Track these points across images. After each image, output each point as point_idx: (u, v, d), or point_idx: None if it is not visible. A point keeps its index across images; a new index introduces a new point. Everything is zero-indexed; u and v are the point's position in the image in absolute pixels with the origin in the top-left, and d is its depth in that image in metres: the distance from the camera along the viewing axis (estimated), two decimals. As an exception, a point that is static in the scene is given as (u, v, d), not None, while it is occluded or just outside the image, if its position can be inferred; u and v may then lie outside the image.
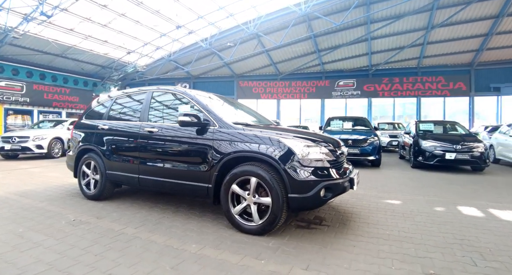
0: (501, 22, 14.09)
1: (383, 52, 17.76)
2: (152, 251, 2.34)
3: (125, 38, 15.64)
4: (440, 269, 2.12)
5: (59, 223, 2.98)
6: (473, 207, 3.89)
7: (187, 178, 3.09)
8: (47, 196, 4.15)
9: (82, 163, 4.06)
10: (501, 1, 13.09)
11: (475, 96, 17.94)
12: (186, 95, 3.42)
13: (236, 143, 2.82)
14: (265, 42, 16.86)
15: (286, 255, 2.30)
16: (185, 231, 2.82)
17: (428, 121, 9.75)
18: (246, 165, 2.74)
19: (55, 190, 4.61)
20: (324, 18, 13.36)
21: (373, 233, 2.84)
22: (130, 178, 3.56)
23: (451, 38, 15.88)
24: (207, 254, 2.29)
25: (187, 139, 3.13)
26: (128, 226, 2.92)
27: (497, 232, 2.94)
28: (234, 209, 2.78)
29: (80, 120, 4.46)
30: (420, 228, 3.01)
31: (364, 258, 2.28)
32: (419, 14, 14.06)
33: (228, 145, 2.85)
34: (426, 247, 2.52)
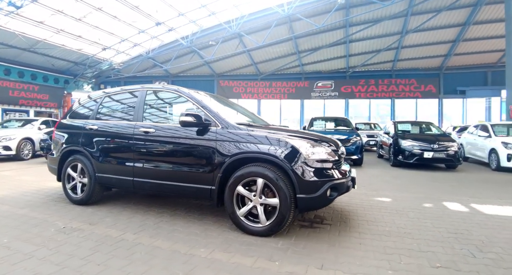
0: (467, 30, 15.12)
1: (360, 55, 18.40)
2: (159, 257, 2.24)
3: (101, 33, 14.94)
4: (445, 262, 2.22)
5: (48, 231, 2.76)
6: (456, 202, 4.13)
7: (189, 180, 3.00)
8: (27, 202, 3.85)
9: (67, 166, 3.81)
10: (468, 11, 14.05)
11: (443, 99, 19.11)
12: (185, 94, 3.31)
13: (242, 144, 2.78)
14: (247, 42, 16.84)
15: (298, 255, 2.30)
16: (189, 234, 2.74)
17: (406, 122, 10.23)
18: (252, 166, 2.71)
19: (34, 194, 4.29)
20: (305, 20, 13.58)
21: (374, 230, 2.92)
22: (124, 180, 3.38)
23: (423, 43, 16.79)
24: (218, 258, 2.24)
25: (188, 140, 3.02)
26: (127, 232, 2.78)
27: (484, 225, 3.14)
28: (239, 211, 2.74)
29: (63, 120, 4.18)
30: (415, 224, 3.14)
31: (373, 255, 2.34)
32: (395, 19, 14.72)
33: (233, 146, 2.80)
34: (426, 242, 2.63)
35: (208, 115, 3.02)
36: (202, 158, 2.94)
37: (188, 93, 3.30)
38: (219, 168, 2.82)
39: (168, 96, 3.56)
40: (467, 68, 18.45)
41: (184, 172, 3.03)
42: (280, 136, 2.74)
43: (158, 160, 3.22)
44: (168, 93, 3.54)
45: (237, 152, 2.76)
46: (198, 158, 2.98)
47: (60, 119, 4.32)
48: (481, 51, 16.99)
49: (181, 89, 3.39)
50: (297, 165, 2.58)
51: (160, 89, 3.57)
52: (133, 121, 3.45)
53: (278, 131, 2.86)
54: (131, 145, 3.35)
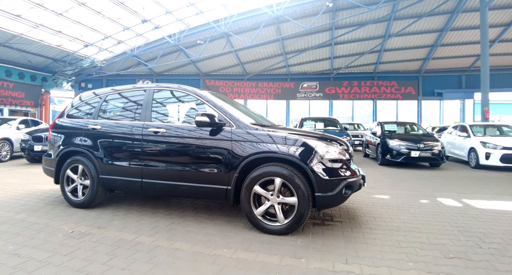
0: (445, 35, 15.93)
1: (345, 57, 18.89)
2: (184, 260, 2.22)
3: (83, 29, 14.41)
4: (456, 253, 2.37)
5: (56, 237, 2.65)
6: (449, 198, 4.37)
7: (203, 180, 2.99)
8: (21, 206, 3.65)
9: (66, 168, 3.65)
10: (446, 17, 14.81)
11: (422, 100, 20.00)
12: (196, 94, 3.28)
13: (259, 144, 2.80)
14: (234, 42, 16.84)
15: (320, 252, 2.37)
16: (206, 235, 2.72)
17: (391, 122, 10.64)
18: (270, 166, 2.74)
19: (26, 198, 4.06)
20: (293, 21, 13.78)
21: (383, 226, 3.05)
22: (131, 182, 3.30)
23: (404, 47, 17.51)
24: (243, 257, 2.25)
25: (203, 140, 3.00)
26: (141, 235, 2.72)
27: (480, 219, 3.35)
28: (256, 210, 2.76)
29: (60, 119, 4.00)
30: (418, 219, 3.31)
31: (390, 249, 2.45)
32: (379, 23, 15.24)
33: (250, 146, 2.82)
34: (434, 235, 2.79)
35: (222, 115, 3.02)
36: (218, 158, 2.93)
37: (200, 94, 3.28)
38: (235, 167, 2.83)
39: (177, 96, 3.52)
40: (444, 71, 19.43)
41: (198, 173, 3.01)
42: (297, 136, 2.80)
43: (170, 160, 3.16)
44: (178, 93, 3.50)
45: (254, 151, 2.79)
46: (214, 158, 2.96)
47: (56, 119, 4.13)
48: (456, 56, 17.96)
49: (194, 90, 3.34)
50: (315, 164, 2.66)
51: (170, 89, 3.51)
52: (141, 121, 3.38)
53: (293, 132, 2.92)
54: (139, 145, 3.27)
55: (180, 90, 3.42)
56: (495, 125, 9.53)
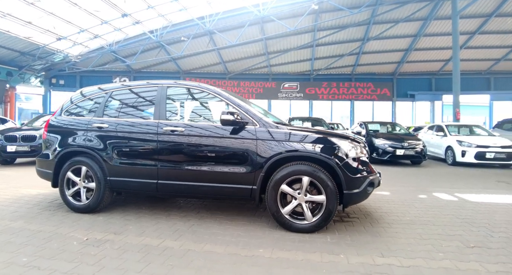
0: (418, 40, 16.90)
1: (325, 59, 19.41)
2: (223, 262, 2.15)
3: (57, 21, 13.51)
4: (475, 242, 2.55)
5: (71, 245, 2.44)
6: (443, 193, 4.66)
7: (226, 181, 2.92)
8: (13, 213, 3.30)
9: (66, 170, 3.35)
10: (420, 24, 15.71)
11: (396, 101, 21.07)
12: (216, 93, 3.20)
13: (284, 143, 2.80)
14: (217, 40, 16.66)
15: (353, 248, 2.42)
16: (233, 236, 2.67)
17: (375, 122, 11.12)
18: (297, 164, 2.75)
19: (16, 204, 3.68)
20: (278, 22, 13.92)
21: (398, 220, 3.18)
22: (145, 184, 3.14)
23: (381, 50, 18.33)
24: (284, 257, 2.24)
25: (226, 139, 2.93)
26: (165, 239, 2.60)
27: (478, 211, 3.61)
28: (284, 210, 2.76)
29: (58, 117, 3.67)
30: (426, 213, 3.49)
31: (415, 241, 2.57)
32: (359, 27, 15.83)
33: (276, 145, 2.81)
34: (448, 227, 2.96)
35: (244, 114, 2.98)
36: (242, 157, 2.89)
37: (220, 92, 3.20)
38: (261, 167, 2.80)
39: (192, 94, 3.42)
40: (416, 74, 20.60)
41: (221, 173, 2.93)
42: (323, 135, 2.85)
43: (190, 160, 3.04)
44: (194, 91, 3.40)
45: (281, 150, 2.78)
46: (238, 158, 2.91)
47: (52, 116, 3.80)
48: (427, 60, 19.12)
49: (214, 88, 3.26)
50: (343, 162, 2.72)
51: (187, 86, 3.39)
52: (154, 119, 3.22)
53: (313, 130, 2.97)
54: (154, 144, 3.12)
55: (198, 88, 3.32)
56: (467, 126, 10.27)
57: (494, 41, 16.86)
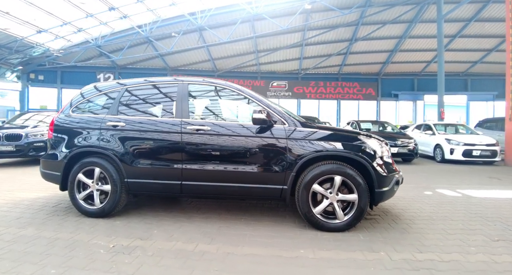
0: (403, 42, 17.48)
1: (313, 58, 19.65)
2: (269, 265, 2.12)
3: (38, 12, 12.77)
4: (498, 236, 2.68)
5: (98, 253, 2.30)
6: (446, 189, 4.86)
7: (256, 181, 2.88)
8: (18, 219, 3.05)
9: (77, 171, 3.16)
10: (405, 26, 16.24)
11: (381, 101, 21.71)
12: (240, 91, 3.15)
13: (316, 142, 2.81)
14: (207, 37, 16.43)
15: (388, 244, 2.47)
16: (267, 238, 2.63)
17: (367, 121, 11.42)
18: (328, 164, 2.77)
19: (17, 209, 3.41)
20: (270, 20, 13.92)
21: (417, 217, 3.29)
22: (168, 185, 3.02)
23: (367, 51, 18.80)
24: (326, 256, 2.24)
25: (256, 138, 2.89)
26: (198, 243, 2.51)
27: (485, 206, 3.79)
28: (315, 209, 2.76)
29: (64, 115, 3.43)
30: (440, 209, 3.63)
31: (443, 236, 2.66)
32: (348, 27, 16.14)
33: (308, 144, 2.81)
34: (466, 222, 3.10)
35: (273, 113, 2.96)
36: (273, 157, 2.86)
37: (245, 91, 3.16)
38: (291, 166, 2.79)
39: (216, 92, 3.35)
40: (400, 75, 21.31)
41: (250, 173, 2.88)
42: (354, 135, 2.89)
43: (217, 161, 2.96)
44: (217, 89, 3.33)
45: (313, 149, 2.78)
46: (268, 157, 2.88)
47: (58, 114, 3.54)
48: (411, 61, 19.82)
49: (240, 87, 3.19)
50: (375, 161, 2.77)
51: (214, 84, 3.29)
52: (176, 117, 3.10)
53: (345, 130, 3.00)
54: (178, 144, 3.01)
55: (223, 86, 3.25)
56: (453, 125, 10.78)
57: (472, 45, 17.75)
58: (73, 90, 18.93)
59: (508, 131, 8.38)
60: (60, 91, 18.70)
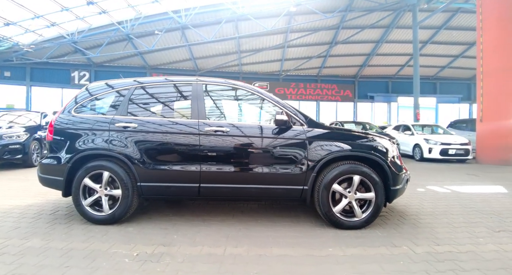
0: (380, 46, 18.31)
1: (294, 60, 20.00)
2: (306, 264, 2.16)
3: (5, 3, 11.86)
4: (497, 227, 2.94)
5: (124, 263, 2.16)
6: (435, 186, 5.20)
7: (276, 182, 2.92)
8: (16, 230, 2.78)
9: (82, 176, 2.97)
10: (382, 31, 17.04)
11: (357, 102, 22.57)
12: (258, 92, 3.18)
13: (335, 143, 2.91)
14: (189, 36, 16.16)
15: (406, 239, 2.61)
16: (292, 238, 2.66)
17: (349, 122, 11.86)
18: (347, 164, 2.86)
19: (11, 219, 3.10)
20: (255, 21, 13.99)
21: (421, 212, 3.50)
22: (186, 188, 2.97)
23: (346, 54, 19.47)
24: (357, 253, 2.32)
25: (276, 140, 2.93)
26: (225, 246, 2.48)
27: (475, 200, 4.10)
28: (335, 208, 2.85)
29: (65, 115, 3.18)
30: (437, 204, 3.88)
31: (452, 230, 2.87)
32: (329, 30, 16.62)
33: (327, 145, 2.89)
34: (465, 216, 3.34)
35: (292, 114, 3.01)
36: (293, 158, 2.90)
37: (263, 92, 3.19)
38: (312, 167, 2.85)
39: (232, 93, 3.35)
40: (375, 77, 22.28)
41: (271, 174, 2.91)
42: (368, 135, 3.02)
43: (237, 162, 2.96)
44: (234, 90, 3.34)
45: (332, 150, 2.87)
46: (288, 158, 2.92)
47: (58, 115, 3.27)
48: (386, 64, 20.81)
49: (255, 88, 3.22)
50: (390, 160, 2.91)
51: (233, 85, 3.29)
52: (193, 118, 3.04)
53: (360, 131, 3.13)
54: (196, 145, 2.95)
55: (239, 87, 3.26)
56: (430, 125, 11.49)
57: (441, 51, 19.00)
58: (44, 88, 17.81)
59: (479, 131, 9.09)
60: (29, 89, 17.46)
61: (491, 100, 8.64)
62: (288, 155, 2.93)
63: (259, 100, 3.23)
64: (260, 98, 3.20)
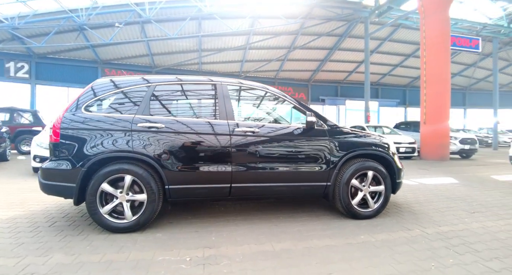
0: (333, 53, 19.82)
1: (255, 62, 20.45)
2: (351, 251, 2.39)
3: None
4: (472, 209, 3.64)
5: (184, 269, 2.15)
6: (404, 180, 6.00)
7: (303, 179, 3.16)
8: (23, 246, 2.52)
9: (100, 181, 2.77)
10: (336, 39, 18.49)
11: (311, 105, 24.01)
12: (281, 95, 3.41)
13: (351, 142, 3.29)
14: (149, 30, 15.40)
15: (413, 224, 3.12)
16: (323, 230, 2.89)
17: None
18: (363, 161, 3.27)
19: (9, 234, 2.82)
20: (220, 20, 14.00)
21: (409, 202, 4.11)
22: (217, 189, 3.00)
23: (302, 59, 20.60)
24: (385, 238, 2.69)
25: (303, 139, 3.17)
26: (270, 242, 2.61)
27: (440, 190, 4.90)
28: (353, 201, 3.22)
29: (74, 113, 2.92)
30: (418, 195, 4.54)
31: (441, 214, 3.47)
32: (289, 35, 17.43)
33: (346, 144, 3.25)
34: (442, 202, 4.04)
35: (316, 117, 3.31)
36: (318, 156, 3.18)
37: (286, 95, 3.42)
38: (334, 164, 3.19)
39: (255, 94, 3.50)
40: (326, 82, 23.99)
41: (298, 172, 3.14)
42: (378, 135, 3.48)
43: (265, 161, 3.09)
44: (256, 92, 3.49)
45: (351, 149, 3.25)
46: (314, 157, 3.18)
47: (63, 113, 2.95)
48: (336, 70, 22.57)
49: (278, 91, 3.42)
50: (395, 157, 3.42)
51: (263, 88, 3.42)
52: (221, 119, 3.09)
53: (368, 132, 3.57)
54: (227, 146, 3.01)
55: (263, 89, 3.42)
56: (380, 126, 12.92)
57: (384, 60, 21.36)
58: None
59: (422, 132, 10.60)
60: None
61: (432, 105, 10.17)
62: (314, 154, 3.20)
63: (282, 102, 3.44)
64: (283, 100, 3.43)
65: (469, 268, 2.15)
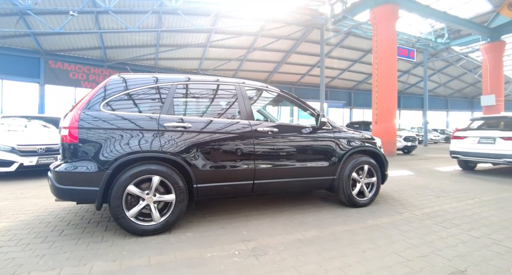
0: (289, 56, 20.81)
1: (214, 60, 20.35)
2: (367, 233, 2.92)
3: None
4: (436, 194, 4.47)
5: (237, 263, 2.25)
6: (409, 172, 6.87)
7: (314, 174, 3.54)
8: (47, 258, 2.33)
9: (126, 183, 2.72)
10: (293, 42, 19.47)
11: (268, 104, 24.81)
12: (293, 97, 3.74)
13: (351, 140, 3.80)
14: (103, 21, 14.28)
15: (403, 208, 3.78)
16: (332, 218, 3.35)
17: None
18: (360, 156, 3.81)
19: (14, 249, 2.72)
20: (184, 16, 13.70)
21: (388, 191, 4.83)
22: (241, 186, 3.18)
23: (260, 60, 21.17)
24: (388, 221, 3.21)
25: (316, 138, 3.57)
26: (299, 232, 2.89)
27: (406, 180, 5.81)
28: (354, 191, 3.74)
29: (93, 111, 2.80)
30: (391, 185, 5.31)
31: (417, 199, 4.22)
32: (249, 36, 17.79)
33: (348, 142, 3.75)
34: (413, 190, 4.84)
35: None
36: (328, 153, 3.62)
37: (298, 98, 3.76)
38: (339, 160, 3.67)
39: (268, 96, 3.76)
40: (281, 83, 24.99)
41: (312, 167, 3.52)
42: (369, 135, 4.05)
43: (284, 158, 3.36)
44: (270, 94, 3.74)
45: (352, 146, 3.76)
46: (324, 154, 3.61)
47: (79, 111, 2.77)
48: (291, 72, 23.71)
49: (290, 94, 3.77)
50: (383, 152, 4.03)
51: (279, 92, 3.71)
52: (243, 119, 3.27)
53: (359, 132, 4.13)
54: (251, 145, 3.21)
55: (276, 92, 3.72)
56: (337, 126, 14.12)
57: (334, 64, 23.15)
58: None
59: (374, 130, 11.94)
60: None
61: (382, 107, 11.55)
62: (325, 151, 3.63)
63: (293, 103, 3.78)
64: (294, 102, 3.77)
65: (459, 238, 2.79)
